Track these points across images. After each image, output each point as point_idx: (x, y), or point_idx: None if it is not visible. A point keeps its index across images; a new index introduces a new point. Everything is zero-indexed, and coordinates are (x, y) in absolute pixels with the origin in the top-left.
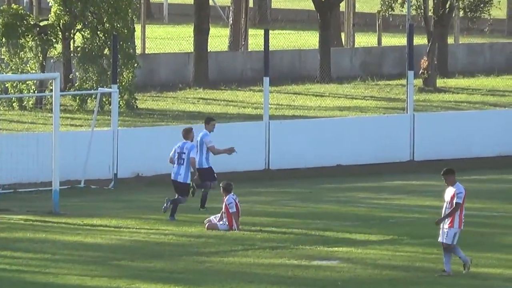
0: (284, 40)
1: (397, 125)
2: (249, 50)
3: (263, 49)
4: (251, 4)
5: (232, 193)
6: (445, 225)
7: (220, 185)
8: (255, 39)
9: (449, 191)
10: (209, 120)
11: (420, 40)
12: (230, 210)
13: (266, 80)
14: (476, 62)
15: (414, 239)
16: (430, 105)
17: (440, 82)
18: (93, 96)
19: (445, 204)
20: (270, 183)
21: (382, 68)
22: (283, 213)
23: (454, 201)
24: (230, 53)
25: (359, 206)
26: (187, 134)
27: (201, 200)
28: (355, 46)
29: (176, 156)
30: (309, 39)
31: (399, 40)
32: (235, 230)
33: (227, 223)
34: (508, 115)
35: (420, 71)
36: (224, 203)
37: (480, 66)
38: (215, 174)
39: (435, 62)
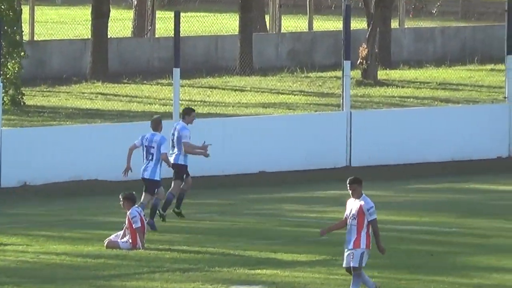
0: (198, 24)
1: (331, 125)
2: (156, 36)
3: (173, 35)
4: None
5: (137, 205)
6: (349, 245)
7: (120, 196)
8: (163, 23)
9: (354, 204)
10: (190, 111)
11: (358, 24)
12: (134, 225)
13: (177, 72)
14: (425, 50)
15: None
16: (370, 101)
17: (381, 74)
18: None
19: (349, 219)
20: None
21: (314, 57)
22: (197, 229)
23: (369, 219)
24: (134, 40)
25: (287, 221)
26: (157, 125)
27: (177, 200)
28: (282, 31)
29: (145, 150)
30: (228, 23)
31: (334, 24)
32: (140, 248)
33: (130, 241)
34: (462, 113)
35: (359, 61)
36: (127, 217)
37: (429, 55)
38: (183, 175)
39: (376, 50)
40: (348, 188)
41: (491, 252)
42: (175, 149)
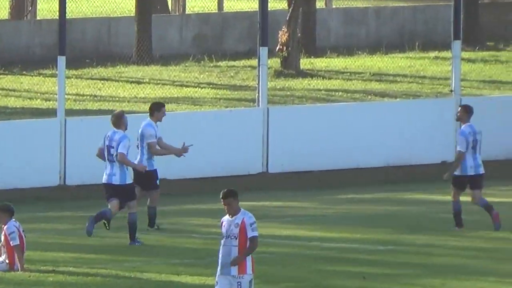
0: (87, 4)
1: (245, 124)
2: (38, 18)
3: (57, 17)
4: None
5: (14, 219)
6: (232, 271)
7: None
8: (46, 3)
9: (232, 222)
10: (159, 106)
11: (277, 3)
12: (11, 242)
13: (62, 60)
14: (356, 35)
15: (268, 283)
16: (291, 95)
17: (305, 63)
18: None
19: (225, 239)
20: (66, 204)
21: (224, 43)
22: (86, 247)
23: (250, 235)
24: (11, 23)
25: (192, 237)
26: (118, 120)
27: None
28: (186, 12)
29: (106, 151)
30: (122, 3)
31: (248, 4)
32: (18, 270)
33: (7, 261)
34: (400, 109)
35: (278, 48)
36: (3, 233)
37: (361, 41)
38: (157, 182)
39: (299, 34)
40: (222, 203)
41: (434, 273)
42: (139, 152)
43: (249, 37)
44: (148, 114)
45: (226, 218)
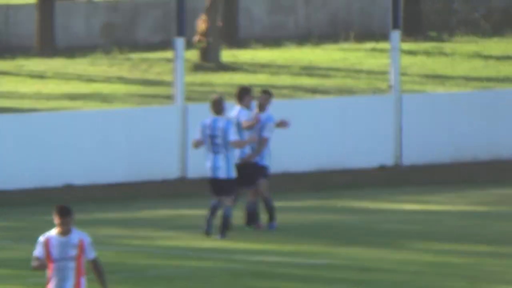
0: None
1: (160, 123)
2: None
3: None
4: None
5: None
6: None
7: None
8: None
9: (67, 242)
10: (248, 90)
11: None
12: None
13: None
14: (284, 24)
15: None
16: (211, 91)
17: (227, 55)
18: None
19: (58, 263)
20: None
21: (136, 33)
22: None
23: (91, 256)
24: None
25: (104, 249)
26: (219, 106)
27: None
28: None
29: (208, 142)
30: None
31: None
32: None
33: None
34: (333, 106)
35: (196, 38)
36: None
37: (289, 30)
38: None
39: (219, 23)
40: (60, 221)
41: None
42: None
43: (164, 26)
44: (237, 100)
45: (55, 237)
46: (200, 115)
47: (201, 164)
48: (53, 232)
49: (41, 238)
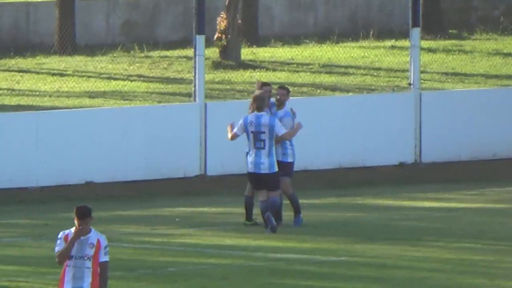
0: None
1: (180, 120)
2: None
3: None
4: None
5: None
6: None
7: None
8: None
9: (85, 242)
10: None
11: None
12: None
13: None
14: (303, 22)
15: None
16: (231, 89)
17: (246, 53)
18: None
19: (75, 260)
20: None
21: (156, 31)
22: (5, 258)
23: (103, 259)
24: None
25: (123, 247)
26: (263, 103)
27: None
28: None
29: (251, 138)
30: None
31: None
32: None
33: None
34: (353, 104)
35: (216, 36)
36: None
37: (309, 28)
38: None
39: (239, 21)
40: (79, 223)
41: (390, 287)
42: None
43: (184, 24)
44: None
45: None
46: (219, 113)
47: (221, 162)
48: (73, 229)
49: (61, 234)
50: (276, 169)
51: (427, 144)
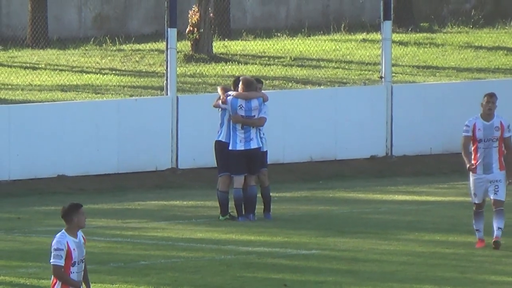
0: None
1: (152, 114)
2: None
3: None
4: None
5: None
6: None
7: None
8: None
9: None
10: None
11: None
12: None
13: None
14: (275, 15)
15: None
16: (203, 83)
17: (218, 46)
18: None
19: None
20: None
21: (128, 24)
22: None
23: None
24: None
25: (95, 240)
26: (251, 85)
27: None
28: None
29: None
30: None
31: None
32: None
33: None
34: (324, 97)
35: (188, 29)
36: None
37: (281, 21)
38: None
39: (211, 14)
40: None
41: (362, 280)
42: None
43: (156, 18)
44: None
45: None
46: (191, 106)
47: (192, 155)
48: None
49: (61, 245)
50: (265, 148)
51: (398, 137)
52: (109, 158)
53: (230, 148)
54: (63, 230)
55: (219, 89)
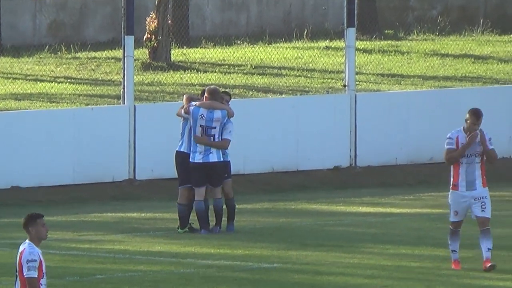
0: None
1: (108, 123)
2: None
3: None
4: None
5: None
6: None
7: None
8: None
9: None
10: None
11: None
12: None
13: None
14: (235, 22)
15: None
16: (161, 91)
17: (177, 54)
18: None
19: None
20: None
21: (84, 31)
22: None
23: (26, 274)
24: None
25: (50, 253)
26: (215, 94)
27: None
28: None
29: (199, 132)
30: None
31: None
32: None
33: None
34: (286, 106)
35: (145, 36)
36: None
37: (241, 29)
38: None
39: (169, 21)
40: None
41: None
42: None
43: (113, 25)
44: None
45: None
46: (149, 115)
47: (150, 166)
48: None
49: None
50: (227, 158)
51: (362, 148)
52: (64, 168)
53: (190, 160)
54: (28, 241)
55: (184, 98)
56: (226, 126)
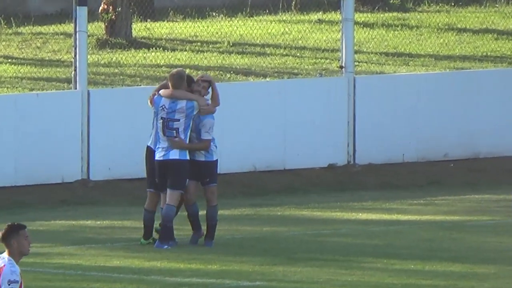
0: None
1: (57, 113)
2: None
3: None
4: None
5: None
6: None
7: None
8: None
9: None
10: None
11: None
12: None
13: None
14: None
15: None
16: (120, 74)
17: (139, 29)
18: None
19: None
20: None
21: (28, 2)
22: None
23: None
24: None
25: None
26: (179, 81)
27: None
28: None
29: (160, 125)
30: None
31: None
32: None
33: None
34: (271, 91)
35: (101, 8)
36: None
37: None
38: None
39: None
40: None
41: None
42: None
43: None
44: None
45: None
46: (106, 103)
47: (107, 164)
48: (5, 254)
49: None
50: (187, 157)
51: (362, 142)
52: (4, 167)
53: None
54: (9, 257)
55: (158, 85)
56: (204, 122)
